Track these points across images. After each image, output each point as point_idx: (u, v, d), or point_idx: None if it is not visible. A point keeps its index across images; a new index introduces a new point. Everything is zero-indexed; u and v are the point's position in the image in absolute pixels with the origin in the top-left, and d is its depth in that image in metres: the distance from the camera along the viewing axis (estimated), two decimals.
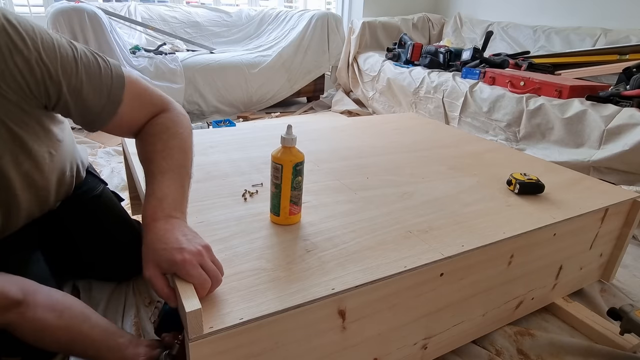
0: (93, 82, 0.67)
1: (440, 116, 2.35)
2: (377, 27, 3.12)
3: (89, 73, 0.66)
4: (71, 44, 0.66)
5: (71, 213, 0.93)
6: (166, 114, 0.76)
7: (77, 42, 0.68)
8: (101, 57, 0.69)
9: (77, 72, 0.65)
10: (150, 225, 0.62)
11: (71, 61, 0.64)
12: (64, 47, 0.64)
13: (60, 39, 0.65)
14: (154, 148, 0.71)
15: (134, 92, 0.72)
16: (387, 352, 0.75)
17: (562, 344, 0.95)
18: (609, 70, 2.03)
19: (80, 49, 0.67)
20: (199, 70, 2.62)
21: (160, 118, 0.75)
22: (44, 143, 0.75)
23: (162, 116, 0.76)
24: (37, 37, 0.61)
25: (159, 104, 0.76)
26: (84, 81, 0.66)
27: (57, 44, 0.63)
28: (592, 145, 1.65)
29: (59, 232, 0.94)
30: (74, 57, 0.65)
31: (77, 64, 0.65)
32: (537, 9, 2.79)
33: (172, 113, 0.77)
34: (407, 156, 1.21)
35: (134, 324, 0.96)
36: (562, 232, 0.92)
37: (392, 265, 0.69)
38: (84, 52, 0.67)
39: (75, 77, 0.65)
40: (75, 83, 0.65)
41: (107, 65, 0.69)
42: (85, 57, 0.67)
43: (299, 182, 0.76)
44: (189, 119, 0.81)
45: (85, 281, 1.07)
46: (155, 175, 0.67)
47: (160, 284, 0.57)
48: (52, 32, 0.65)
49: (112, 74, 0.69)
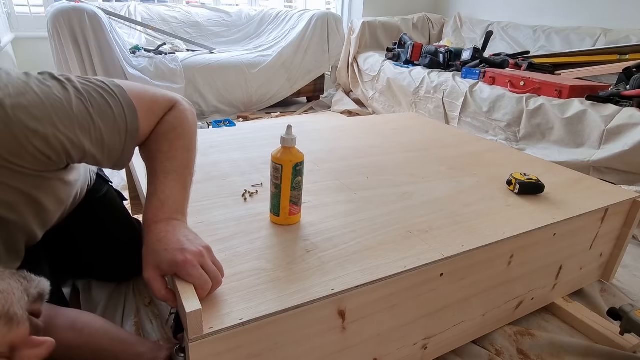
0: (110, 125, 0.63)
1: (440, 116, 2.35)
2: (377, 27, 3.12)
3: (104, 119, 0.62)
4: (77, 92, 0.60)
5: (73, 214, 0.93)
6: (173, 112, 0.74)
7: (78, 80, 0.62)
8: (106, 90, 0.64)
9: (94, 125, 0.61)
10: (152, 226, 0.62)
11: (86, 116, 0.60)
12: (74, 102, 0.59)
13: (65, 90, 0.59)
14: (159, 148, 0.70)
15: (145, 110, 0.69)
16: (387, 353, 0.75)
17: (562, 344, 0.95)
18: (609, 70, 2.03)
19: (86, 92, 0.61)
20: (199, 70, 2.62)
21: (167, 116, 0.74)
22: (64, 191, 0.74)
23: (169, 114, 0.74)
24: (47, 107, 0.55)
25: (166, 105, 0.75)
26: (103, 130, 0.62)
27: (67, 104, 0.58)
28: (592, 145, 1.65)
29: (59, 231, 0.94)
30: (86, 109, 0.60)
31: (91, 116, 0.60)
32: (537, 9, 2.79)
33: (178, 110, 0.75)
34: (407, 156, 1.21)
35: (134, 324, 0.96)
36: (562, 232, 0.92)
37: (392, 265, 0.69)
38: (91, 95, 0.61)
39: (94, 130, 0.61)
40: (96, 135, 0.62)
41: (115, 98, 0.65)
42: (95, 102, 0.62)
43: (298, 183, 0.76)
44: (194, 112, 0.79)
45: (85, 281, 1.08)
46: (159, 175, 0.67)
47: (159, 286, 0.57)
48: (56, 85, 0.58)
49: (123, 106, 0.65)
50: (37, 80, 0.57)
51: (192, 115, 0.78)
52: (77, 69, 2.26)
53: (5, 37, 2.48)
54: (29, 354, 0.51)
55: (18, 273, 0.55)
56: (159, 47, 2.75)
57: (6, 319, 0.48)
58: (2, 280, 0.51)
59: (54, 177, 0.68)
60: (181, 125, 0.73)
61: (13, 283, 0.52)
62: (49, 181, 0.66)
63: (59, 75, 0.60)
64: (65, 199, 0.77)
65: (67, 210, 0.85)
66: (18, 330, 0.49)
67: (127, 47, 2.47)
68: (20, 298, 0.51)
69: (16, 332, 0.49)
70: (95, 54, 2.24)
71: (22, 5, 2.75)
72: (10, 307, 0.49)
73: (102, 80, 0.65)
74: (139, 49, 2.60)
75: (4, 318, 0.48)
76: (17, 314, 0.50)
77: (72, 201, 0.86)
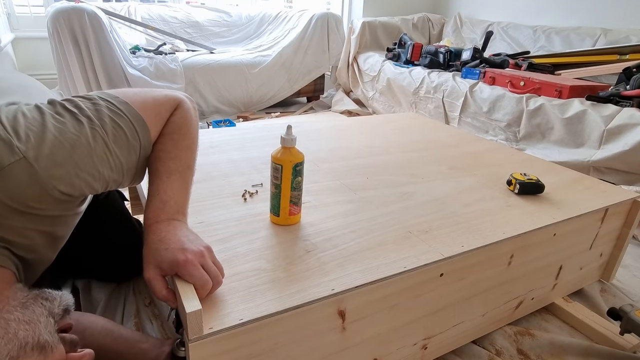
0: (126, 149, 0.63)
1: (440, 116, 2.35)
2: (377, 27, 3.12)
3: (119, 144, 0.62)
4: (90, 122, 0.59)
5: None
6: (178, 112, 0.74)
7: (87, 106, 0.61)
8: (115, 112, 0.63)
9: (112, 153, 0.61)
10: (152, 226, 0.62)
11: (102, 147, 0.59)
12: (89, 135, 0.58)
13: (80, 124, 0.58)
14: (163, 147, 0.70)
15: (152, 118, 0.69)
16: (387, 353, 0.75)
17: (562, 344, 0.95)
18: (609, 70, 2.03)
19: (98, 119, 0.60)
20: (199, 70, 2.62)
21: (173, 117, 0.74)
22: (77, 219, 0.74)
23: (175, 115, 0.74)
24: (67, 149, 0.55)
25: (171, 106, 0.74)
26: (120, 155, 0.62)
27: (85, 140, 0.57)
28: (592, 145, 1.65)
29: None
30: (102, 139, 0.59)
31: (107, 146, 0.60)
32: (537, 9, 2.79)
33: (182, 110, 0.75)
34: (407, 156, 1.21)
35: (134, 324, 0.96)
36: (562, 232, 0.92)
37: (392, 265, 0.69)
38: (103, 121, 0.60)
39: (112, 158, 0.61)
40: (115, 162, 0.62)
41: (125, 117, 0.63)
42: (109, 129, 0.61)
43: (298, 183, 0.76)
44: (195, 107, 0.79)
45: (85, 281, 1.07)
46: (161, 175, 0.67)
47: (159, 286, 0.57)
48: (70, 120, 0.58)
49: (134, 124, 0.64)
50: (52, 117, 0.56)
51: (194, 112, 0.78)
52: (77, 69, 2.25)
53: (5, 37, 2.47)
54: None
55: (40, 295, 0.55)
56: (159, 47, 2.75)
57: (39, 349, 0.49)
58: (27, 309, 0.52)
59: (72, 213, 0.68)
60: (186, 124, 0.74)
61: (37, 309, 0.53)
62: (66, 217, 0.66)
63: (69, 104, 0.60)
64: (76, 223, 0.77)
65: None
66: (54, 355, 0.50)
67: (127, 47, 2.47)
68: (47, 323, 0.52)
69: (52, 357, 0.50)
70: (95, 54, 2.24)
71: (22, 5, 2.75)
72: (39, 336, 0.50)
73: (107, 100, 0.64)
74: (139, 49, 2.60)
75: (37, 348, 0.49)
76: (48, 340, 0.50)
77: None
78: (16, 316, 0.50)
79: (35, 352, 0.48)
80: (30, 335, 0.49)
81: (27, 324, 0.50)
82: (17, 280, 0.58)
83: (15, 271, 0.59)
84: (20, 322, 0.49)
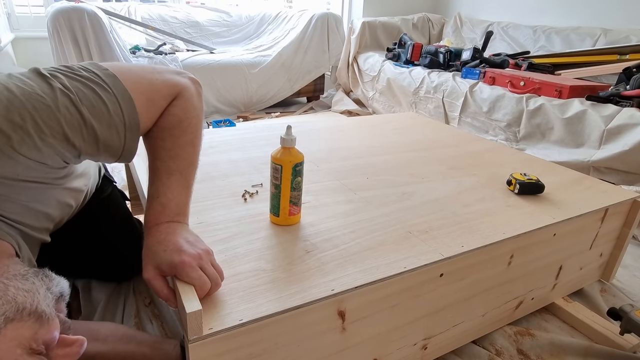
0: (105, 122, 0.58)
1: (440, 116, 2.35)
2: (377, 27, 3.12)
3: (96, 115, 0.57)
4: (64, 88, 0.55)
5: (76, 214, 0.93)
6: (179, 102, 0.69)
7: (66, 74, 0.57)
8: (98, 83, 0.58)
9: (85, 122, 0.56)
10: (152, 229, 0.62)
11: (74, 114, 0.55)
12: (60, 100, 0.54)
13: (50, 88, 0.54)
14: (163, 144, 0.67)
15: (143, 101, 0.63)
16: (387, 353, 0.75)
17: (562, 344, 0.95)
18: (609, 70, 2.03)
19: (74, 87, 0.56)
20: (199, 70, 2.62)
21: (172, 108, 0.68)
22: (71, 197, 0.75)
23: (174, 105, 0.69)
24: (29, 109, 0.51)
25: (170, 93, 0.68)
26: (96, 127, 0.57)
27: (52, 103, 0.53)
28: (592, 145, 1.65)
29: (59, 231, 0.94)
30: (74, 106, 0.55)
31: (81, 114, 0.56)
32: (537, 9, 2.79)
33: (184, 99, 0.70)
34: (407, 156, 1.21)
35: (134, 324, 0.96)
36: (562, 232, 0.92)
37: (391, 266, 0.69)
38: (80, 90, 0.56)
39: (85, 128, 0.56)
40: (88, 133, 0.57)
41: (108, 91, 0.59)
42: (85, 98, 0.56)
43: (298, 183, 0.76)
44: (201, 92, 0.74)
45: (85, 281, 1.07)
46: (161, 176, 0.65)
47: (160, 285, 0.58)
48: (40, 84, 0.54)
49: (118, 99, 0.59)
50: (18, 80, 0.52)
51: (198, 99, 0.72)
52: None
53: (5, 37, 2.47)
54: (63, 352, 0.51)
55: (41, 271, 0.56)
56: (159, 47, 2.75)
57: (36, 316, 0.49)
58: (27, 280, 0.52)
59: (56, 185, 0.67)
60: (188, 117, 0.68)
61: (37, 282, 0.53)
62: (49, 189, 0.66)
63: (45, 71, 0.55)
64: (73, 203, 0.77)
65: (75, 210, 0.85)
66: (49, 326, 0.50)
67: (127, 47, 2.47)
68: (45, 296, 0.52)
69: (47, 328, 0.50)
70: (95, 54, 2.24)
71: (22, 6, 2.75)
72: (37, 305, 0.50)
73: (93, 71, 0.59)
74: (139, 49, 2.59)
75: (34, 315, 0.49)
76: (45, 311, 0.50)
77: (82, 203, 0.87)
78: (15, 284, 0.50)
79: (32, 318, 0.48)
80: (29, 302, 0.49)
81: (27, 292, 0.50)
82: (17, 256, 0.58)
83: (16, 246, 0.59)
84: (19, 289, 0.50)
